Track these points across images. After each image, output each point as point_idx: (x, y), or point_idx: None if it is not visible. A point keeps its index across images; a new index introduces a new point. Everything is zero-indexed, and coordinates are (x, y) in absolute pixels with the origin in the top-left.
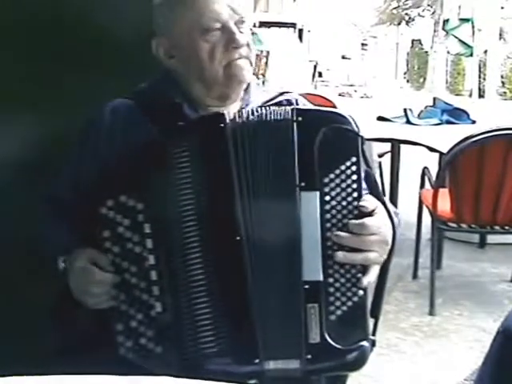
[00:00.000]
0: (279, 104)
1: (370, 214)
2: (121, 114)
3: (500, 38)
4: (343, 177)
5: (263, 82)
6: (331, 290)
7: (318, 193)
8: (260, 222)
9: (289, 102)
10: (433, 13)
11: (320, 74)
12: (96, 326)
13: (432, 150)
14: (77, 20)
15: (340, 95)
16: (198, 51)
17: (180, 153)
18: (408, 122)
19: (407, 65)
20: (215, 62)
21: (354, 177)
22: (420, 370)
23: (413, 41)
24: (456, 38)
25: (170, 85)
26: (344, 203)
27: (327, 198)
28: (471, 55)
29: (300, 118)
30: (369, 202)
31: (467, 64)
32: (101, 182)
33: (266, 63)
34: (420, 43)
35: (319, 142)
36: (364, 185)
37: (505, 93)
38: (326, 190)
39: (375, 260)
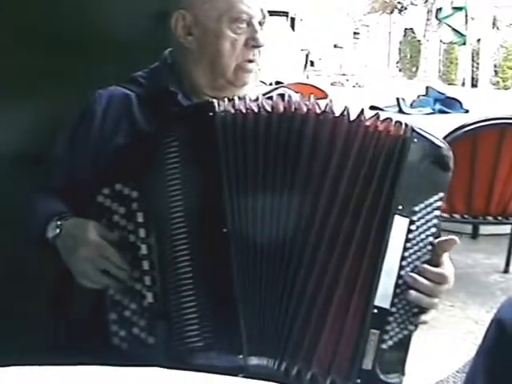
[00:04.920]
0: (271, 98)
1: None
2: (115, 102)
3: (493, 27)
4: (429, 209)
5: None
6: (390, 319)
7: (408, 220)
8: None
9: (282, 96)
10: (425, 1)
11: (312, 63)
12: (91, 316)
13: None
14: (78, 11)
15: (332, 84)
16: (221, 38)
17: (170, 142)
18: (400, 111)
19: (400, 54)
20: (233, 55)
21: (437, 212)
22: (412, 362)
23: (405, 29)
24: (449, 26)
25: (166, 73)
26: (423, 236)
27: (413, 227)
28: (464, 44)
29: (415, 140)
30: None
31: (460, 53)
32: (96, 170)
33: (259, 52)
34: (413, 32)
35: (423, 169)
36: None
37: (498, 82)
38: (414, 218)
39: (436, 306)
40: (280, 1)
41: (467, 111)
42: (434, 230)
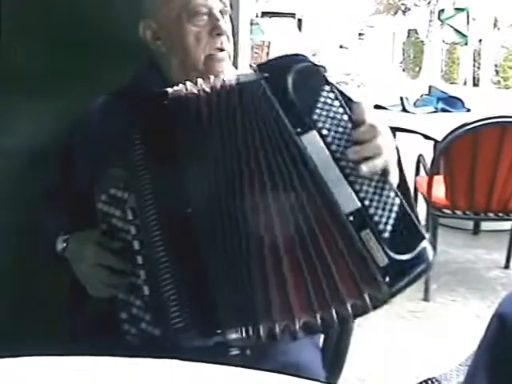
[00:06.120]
0: None
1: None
2: (104, 114)
3: (494, 28)
4: (327, 107)
5: None
6: (371, 211)
7: (314, 131)
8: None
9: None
10: (428, 2)
11: None
12: (104, 316)
13: (427, 137)
14: (90, 15)
15: (337, 84)
16: (184, 34)
17: (134, 136)
18: (404, 110)
19: (403, 54)
20: (199, 48)
21: (337, 103)
22: (414, 355)
23: (409, 30)
24: (451, 27)
25: (152, 75)
26: (341, 129)
27: (324, 131)
28: (466, 44)
29: (266, 74)
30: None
31: (462, 53)
32: (92, 178)
33: (268, 53)
34: (416, 33)
35: (291, 87)
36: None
37: (499, 81)
38: (320, 125)
39: (391, 161)
40: (287, 3)
41: (469, 110)
42: (346, 117)
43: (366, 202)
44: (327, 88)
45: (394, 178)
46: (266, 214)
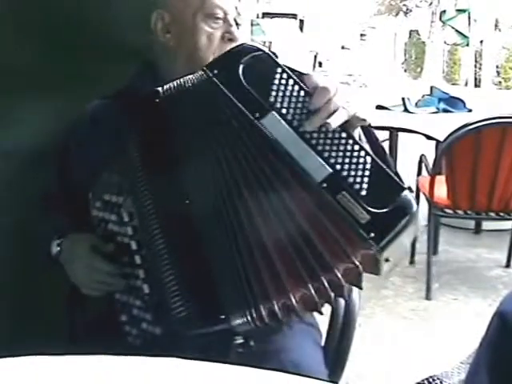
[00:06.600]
0: None
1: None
2: (98, 116)
3: (495, 29)
4: (282, 88)
5: None
6: (344, 173)
7: (273, 112)
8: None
9: None
10: (430, 4)
11: (320, 64)
12: (104, 317)
13: (429, 137)
14: (90, 16)
15: None
16: (197, 33)
17: (128, 136)
18: (406, 110)
19: (405, 55)
20: (210, 50)
21: (291, 81)
22: (416, 354)
23: (410, 31)
24: (453, 28)
25: (148, 76)
26: (299, 105)
27: (284, 110)
28: (467, 45)
29: (216, 71)
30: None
31: (463, 54)
32: (86, 184)
33: None
34: (417, 34)
35: (243, 78)
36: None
37: (500, 82)
38: (278, 106)
39: (355, 110)
40: (289, 3)
41: (470, 110)
42: (302, 93)
43: (338, 167)
44: (279, 70)
45: (355, 133)
46: (246, 205)
